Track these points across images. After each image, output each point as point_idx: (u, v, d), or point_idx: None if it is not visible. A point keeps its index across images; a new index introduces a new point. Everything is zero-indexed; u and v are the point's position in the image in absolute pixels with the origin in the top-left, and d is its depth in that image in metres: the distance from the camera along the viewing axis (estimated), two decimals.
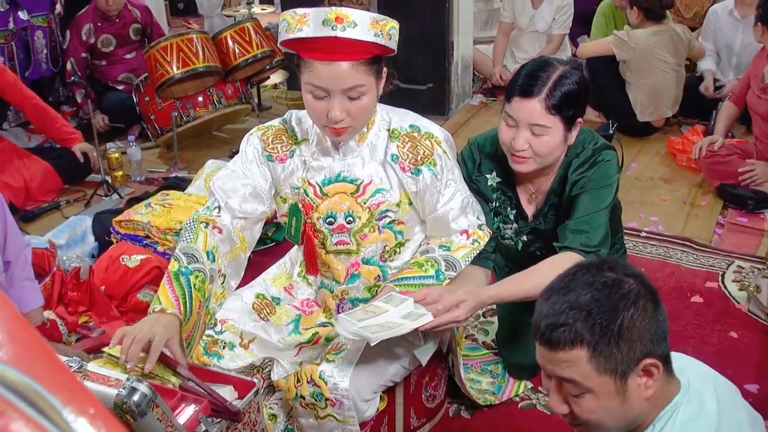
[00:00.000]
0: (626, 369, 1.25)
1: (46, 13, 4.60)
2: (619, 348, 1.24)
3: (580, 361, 1.26)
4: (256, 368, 2.11)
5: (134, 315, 2.95)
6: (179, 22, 7.46)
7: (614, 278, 1.29)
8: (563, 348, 1.26)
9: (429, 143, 1.99)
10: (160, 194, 3.50)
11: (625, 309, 1.25)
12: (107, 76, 4.90)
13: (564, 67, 2.03)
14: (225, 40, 4.44)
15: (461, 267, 2.02)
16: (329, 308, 2.18)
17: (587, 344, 1.25)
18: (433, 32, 4.92)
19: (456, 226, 2.04)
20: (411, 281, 1.96)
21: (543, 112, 1.99)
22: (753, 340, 2.79)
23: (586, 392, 1.28)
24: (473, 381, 2.57)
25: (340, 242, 2.06)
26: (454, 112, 5.23)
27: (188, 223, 2.02)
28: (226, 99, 4.61)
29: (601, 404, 1.28)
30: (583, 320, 1.25)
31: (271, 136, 2.05)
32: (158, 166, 4.49)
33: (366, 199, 2.00)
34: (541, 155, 2.06)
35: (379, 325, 1.77)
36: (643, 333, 1.26)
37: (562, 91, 1.99)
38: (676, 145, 4.39)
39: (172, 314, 1.81)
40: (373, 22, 1.74)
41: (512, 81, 2.07)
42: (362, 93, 1.81)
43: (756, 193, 3.77)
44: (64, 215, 3.82)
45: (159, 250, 3.16)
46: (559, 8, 5.27)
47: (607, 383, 1.26)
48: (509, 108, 2.04)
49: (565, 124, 2.03)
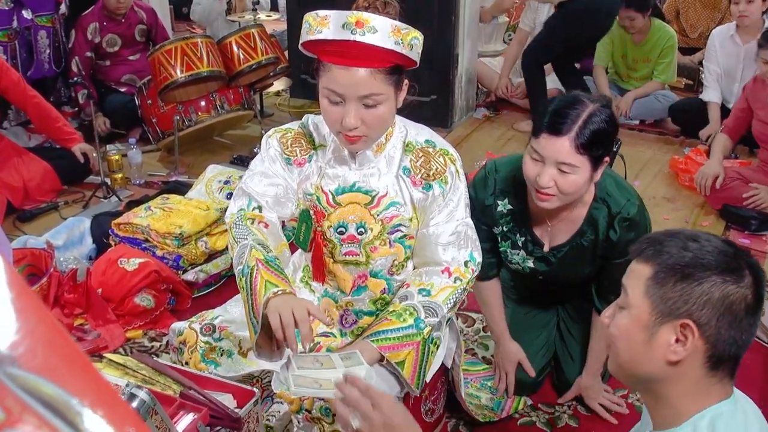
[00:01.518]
0: (666, 312, 1.24)
1: (50, 12, 4.58)
2: (673, 288, 1.24)
3: (641, 275, 1.28)
4: (255, 378, 2.08)
5: (131, 319, 2.92)
6: (183, 26, 7.46)
7: (736, 254, 1.26)
8: (639, 259, 1.30)
9: (443, 160, 1.96)
10: (160, 198, 3.48)
11: (711, 270, 1.23)
12: (110, 77, 4.88)
13: (594, 105, 1.99)
14: (230, 45, 4.42)
15: (443, 312, 1.93)
16: (332, 318, 2.15)
17: (656, 265, 1.26)
18: (438, 44, 4.91)
19: (441, 252, 1.96)
20: (390, 334, 1.87)
21: (572, 151, 1.95)
22: (756, 363, 2.76)
23: (626, 307, 1.30)
24: (472, 396, 2.54)
25: (349, 252, 2.02)
26: (457, 124, 5.22)
27: (236, 221, 1.94)
28: (229, 104, 4.58)
29: (628, 327, 1.29)
30: (673, 248, 1.26)
31: (290, 139, 2.01)
32: (158, 170, 4.46)
33: (380, 212, 1.96)
34: (567, 193, 2.03)
35: (313, 380, 1.69)
36: (705, 299, 1.22)
37: (592, 129, 1.95)
38: (679, 164, 4.37)
39: (290, 293, 1.77)
40: (394, 29, 1.71)
41: (540, 116, 2.04)
42: (378, 102, 1.77)
43: (759, 214, 3.75)
44: (62, 216, 3.79)
45: (158, 253, 3.13)
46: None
47: (644, 309, 1.27)
48: (536, 144, 2.01)
49: (593, 163, 2.00)
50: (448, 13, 4.87)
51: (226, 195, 3.51)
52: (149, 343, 2.89)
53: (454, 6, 4.87)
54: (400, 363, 1.89)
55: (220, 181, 3.64)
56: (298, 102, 5.56)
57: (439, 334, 1.97)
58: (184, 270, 3.15)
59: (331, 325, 2.08)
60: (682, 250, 1.25)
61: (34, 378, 0.35)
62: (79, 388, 0.39)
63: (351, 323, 2.12)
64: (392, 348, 1.88)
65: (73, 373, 0.41)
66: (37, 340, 0.37)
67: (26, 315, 0.38)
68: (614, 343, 1.31)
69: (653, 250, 1.27)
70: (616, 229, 2.15)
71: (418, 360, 1.91)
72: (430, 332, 1.92)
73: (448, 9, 4.87)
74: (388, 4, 1.79)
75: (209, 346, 2.06)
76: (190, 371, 1.86)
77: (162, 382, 1.70)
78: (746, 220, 3.77)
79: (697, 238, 1.27)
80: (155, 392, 1.49)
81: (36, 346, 0.37)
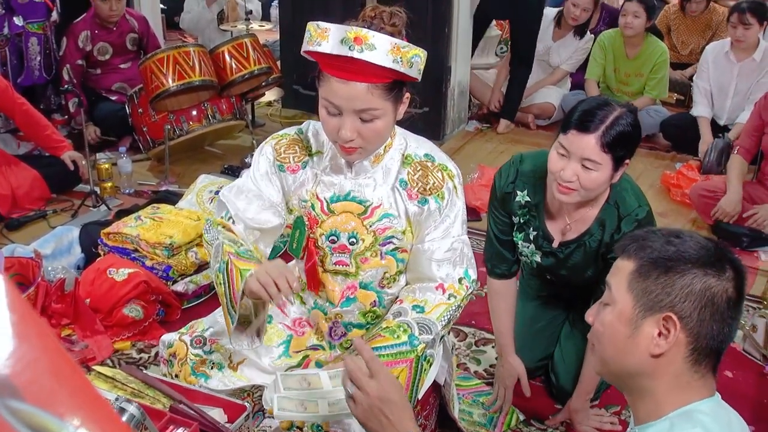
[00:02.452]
0: (648, 305, 1.26)
1: (41, 19, 4.55)
2: (656, 281, 1.25)
3: (624, 271, 1.30)
4: (246, 392, 2.05)
5: (119, 330, 2.89)
6: (175, 35, 7.42)
7: (717, 250, 1.27)
8: (623, 255, 1.32)
9: (441, 175, 1.95)
10: (150, 207, 3.45)
11: (692, 264, 1.25)
12: (101, 85, 4.84)
13: (621, 109, 2.09)
14: (222, 54, 4.40)
15: (437, 329, 1.92)
16: (321, 330, 2.13)
17: (638, 260, 1.28)
18: (431, 56, 4.85)
19: (436, 269, 1.95)
20: (383, 351, 1.85)
21: (597, 148, 2.05)
22: (748, 380, 2.75)
23: (609, 303, 1.31)
24: (464, 412, 2.52)
25: (339, 262, 2.00)
26: (449, 137, 5.21)
27: (207, 227, 1.99)
28: (221, 114, 4.56)
29: (612, 322, 1.30)
30: (656, 243, 1.28)
31: (284, 145, 2.00)
32: (149, 179, 4.43)
33: (372, 222, 1.95)
34: (587, 189, 2.12)
35: (299, 402, 1.68)
36: (687, 292, 1.24)
37: (617, 131, 2.05)
38: (671, 179, 4.38)
39: None
40: (393, 47, 1.69)
41: (569, 114, 2.13)
42: (376, 116, 1.76)
43: (751, 231, 3.75)
44: (51, 225, 3.76)
45: (147, 264, 3.10)
46: (578, 49, 5.28)
47: (626, 303, 1.28)
48: (564, 139, 2.11)
49: (614, 163, 2.09)
50: (442, 26, 4.88)
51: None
52: (137, 355, 2.85)
53: (447, 18, 4.88)
54: None
55: (211, 191, 3.61)
56: (290, 112, 5.55)
57: (433, 351, 1.95)
58: (173, 281, 3.12)
59: (299, 289, 2.05)
60: (665, 244, 1.27)
61: (32, 410, 0.33)
62: (74, 413, 0.37)
63: (340, 335, 2.10)
64: (385, 365, 1.86)
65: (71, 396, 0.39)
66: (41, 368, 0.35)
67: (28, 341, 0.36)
68: (599, 340, 1.33)
69: (636, 246, 1.29)
70: (621, 228, 2.22)
71: (411, 377, 1.89)
72: (424, 349, 1.90)
73: (441, 21, 4.87)
74: (395, 14, 1.78)
75: (200, 358, 2.04)
76: (180, 385, 1.83)
77: (151, 396, 1.68)
78: (738, 237, 3.77)
79: (679, 234, 1.29)
80: (144, 406, 1.46)
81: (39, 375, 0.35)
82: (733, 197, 3.80)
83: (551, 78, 5.41)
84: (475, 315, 3.12)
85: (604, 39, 5.18)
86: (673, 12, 5.97)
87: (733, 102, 4.75)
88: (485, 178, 4.07)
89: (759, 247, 3.75)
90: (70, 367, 0.42)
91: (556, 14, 5.31)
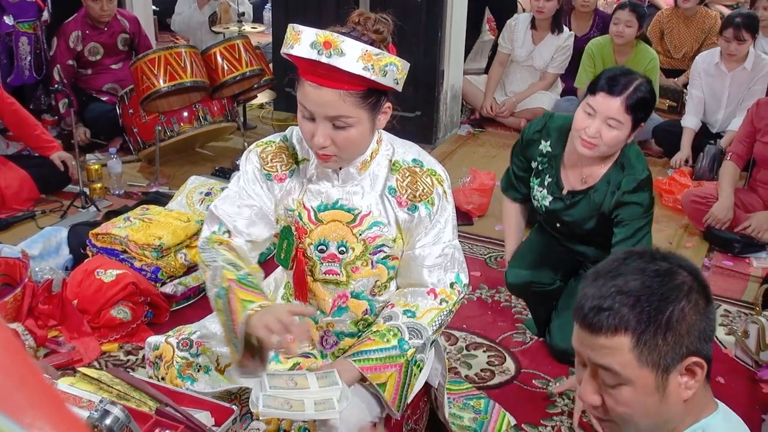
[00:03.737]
0: (670, 364, 1.18)
1: (32, 19, 4.52)
2: (665, 340, 1.17)
3: (622, 349, 1.18)
4: (233, 395, 2.03)
5: (107, 331, 2.86)
6: (167, 37, 7.39)
7: (668, 268, 1.21)
8: (606, 333, 1.19)
9: (430, 181, 1.92)
10: (139, 208, 3.42)
11: (677, 300, 1.18)
12: (92, 85, 4.81)
13: (641, 78, 2.47)
14: (214, 56, 4.38)
15: (428, 334, 1.90)
16: (312, 339, 2.10)
17: (632, 332, 1.17)
18: (424, 61, 4.90)
19: (427, 275, 1.93)
20: (372, 354, 1.83)
21: (621, 109, 2.42)
22: (740, 386, 2.74)
23: (623, 384, 1.20)
24: (455, 416, 2.50)
25: (329, 272, 1.97)
26: (441, 141, 5.20)
27: (203, 246, 1.91)
28: (212, 116, 4.53)
29: (638, 398, 1.21)
30: (630, 306, 1.18)
31: (270, 153, 1.96)
32: (138, 180, 4.40)
33: (362, 231, 1.91)
34: (607, 145, 2.48)
35: (285, 401, 1.66)
36: (692, 328, 1.18)
37: (638, 96, 2.43)
38: (663, 185, 4.37)
39: (267, 305, 1.72)
40: (364, 54, 1.64)
41: (596, 80, 2.50)
42: (349, 124, 1.73)
43: (742, 237, 3.75)
44: (39, 225, 3.72)
45: (136, 265, 3.07)
46: (559, 48, 5.27)
47: (647, 377, 1.19)
48: (592, 100, 2.46)
49: (633, 125, 2.46)
50: (435, 30, 4.87)
51: (207, 207, 3.45)
52: (125, 357, 2.82)
53: (440, 23, 4.87)
54: (381, 385, 1.84)
55: (201, 192, 3.59)
56: (282, 115, 5.52)
57: (423, 356, 1.93)
58: (162, 282, 3.09)
59: (314, 314, 2.01)
60: (638, 303, 1.18)
61: None
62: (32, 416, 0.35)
63: (332, 344, 2.08)
64: (374, 369, 1.84)
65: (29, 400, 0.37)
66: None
67: None
68: (630, 419, 1.24)
69: (613, 319, 1.19)
70: (621, 185, 2.54)
71: (401, 382, 1.87)
72: (414, 354, 1.88)
73: (434, 26, 4.86)
74: (380, 21, 1.74)
75: (186, 361, 2.01)
76: (167, 387, 1.80)
77: (137, 398, 1.65)
78: (729, 243, 3.76)
79: (629, 283, 1.20)
80: (130, 409, 1.44)
81: None
82: (725, 203, 3.80)
83: (542, 83, 5.41)
84: (466, 319, 3.10)
85: (592, 47, 5.18)
86: (667, 15, 5.99)
87: (726, 111, 4.75)
88: (477, 182, 4.06)
89: (751, 253, 3.74)
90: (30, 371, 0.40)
91: (530, 17, 5.33)
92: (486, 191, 4.06)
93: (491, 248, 3.75)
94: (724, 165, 3.94)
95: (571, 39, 5.31)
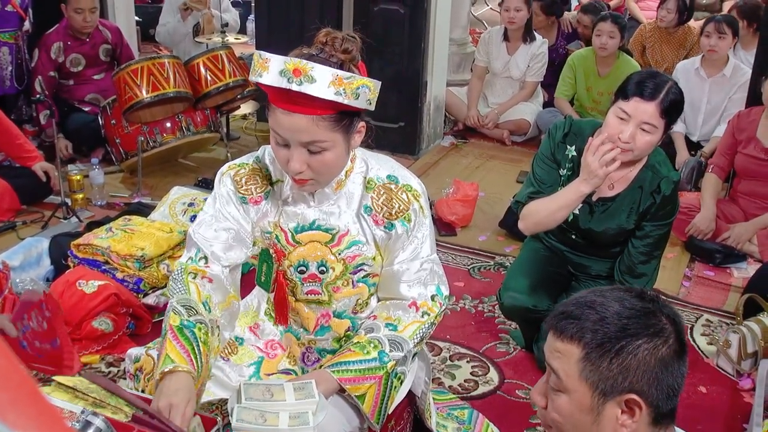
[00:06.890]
0: (608, 391, 1.22)
1: (13, 29, 4.50)
2: (610, 366, 1.21)
3: (570, 358, 1.24)
4: (214, 405, 2.01)
5: (88, 343, 2.83)
6: (150, 48, 7.37)
7: (648, 308, 1.25)
8: (563, 338, 1.25)
9: (406, 197, 1.91)
10: (121, 219, 3.40)
11: (638, 337, 1.21)
12: (74, 96, 4.79)
13: (671, 81, 2.47)
14: (197, 66, 4.37)
15: (409, 347, 1.89)
16: (294, 354, 2.10)
17: (584, 345, 1.22)
18: (407, 72, 4.92)
19: (406, 290, 1.93)
20: (351, 366, 1.83)
21: (656, 113, 2.40)
22: (722, 395, 2.76)
23: (562, 391, 1.26)
24: (439, 426, 2.49)
25: (311, 291, 1.97)
26: (425, 152, 5.21)
27: (175, 275, 1.89)
28: (195, 126, 4.52)
29: (571, 410, 1.25)
30: (593, 321, 1.23)
31: (244, 176, 1.93)
32: (121, 191, 4.38)
33: (341, 250, 1.91)
34: (641, 150, 2.46)
35: (260, 413, 1.65)
36: (644, 368, 1.21)
37: (671, 99, 2.42)
38: None
39: (184, 372, 1.68)
40: (335, 79, 1.62)
41: (625, 84, 2.46)
42: (324, 148, 1.71)
43: (724, 248, 3.77)
44: (20, 236, 3.69)
45: (118, 276, 3.05)
46: (533, 56, 5.31)
47: (584, 393, 1.23)
48: (625, 105, 2.42)
49: (665, 128, 2.46)
50: (418, 40, 4.88)
51: (190, 217, 3.44)
52: (106, 369, 2.80)
53: (424, 33, 4.89)
54: (360, 396, 1.84)
55: (184, 203, 3.57)
56: (265, 126, 5.45)
57: (404, 369, 1.93)
58: (144, 293, 3.08)
59: None
60: (602, 322, 1.23)
61: None
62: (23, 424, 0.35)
63: (313, 361, 2.07)
64: (353, 380, 1.83)
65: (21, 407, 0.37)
66: None
67: None
68: (560, 428, 1.29)
69: (574, 327, 1.24)
70: (661, 188, 2.53)
71: (380, 394, 1.86)
72: (395, 366, 1.87)
73: (418, 36, 4.88)
74: (347, 40, 1.73)
75: None
76: (148, 397, 1.78)
77: (113, 405, 1.63)
78: (711, 254, 3.79)
79: (606, 305, 1.24)
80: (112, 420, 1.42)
81: None
82: (707, 215, 3.83)
83: (523, 93, 5.43)
84: (449, 329, 3.10)
85: (574, 59, 5.23)
86: (649, 30, 6.03)
87: (705, 118, 4.80)
88: (461, 193, 4.07)
89: (732, 263, 3.76)
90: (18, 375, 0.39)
91: (503, 29, 5.36)
92: (469, 202, 4.07)
93: (474, 259, 3.75)
94: (707, 177, 3.98)
95: (544, 46, 5.35)
